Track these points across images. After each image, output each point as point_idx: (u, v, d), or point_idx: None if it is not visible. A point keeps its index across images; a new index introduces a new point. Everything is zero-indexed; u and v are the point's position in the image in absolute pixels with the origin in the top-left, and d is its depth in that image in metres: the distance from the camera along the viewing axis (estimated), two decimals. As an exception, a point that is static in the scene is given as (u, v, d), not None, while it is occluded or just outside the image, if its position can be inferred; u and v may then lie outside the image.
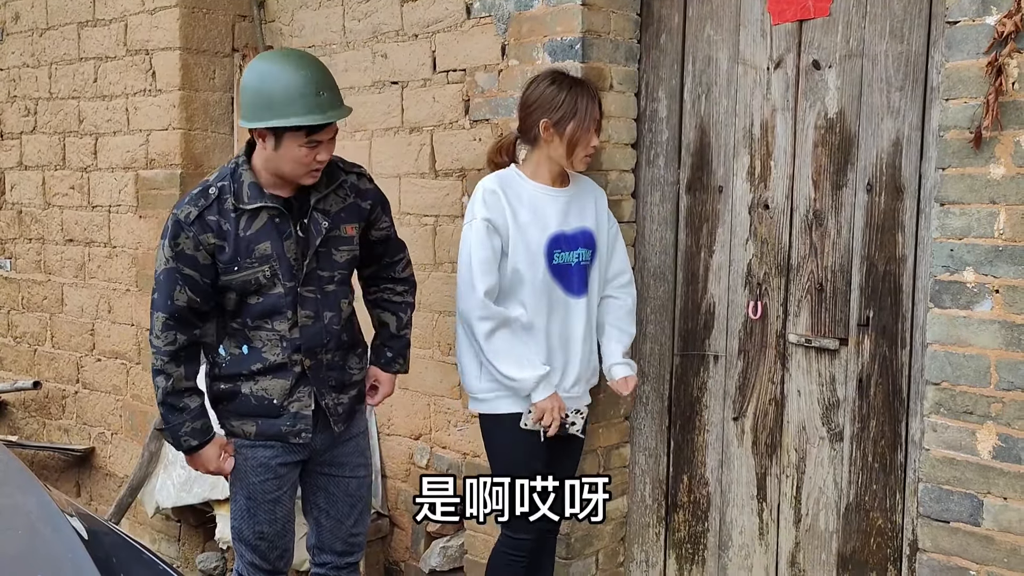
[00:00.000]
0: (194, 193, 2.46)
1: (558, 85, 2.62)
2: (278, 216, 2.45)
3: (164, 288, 2.43)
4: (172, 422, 2.49)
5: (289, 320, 2.47)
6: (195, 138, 4.09)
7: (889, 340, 2.68)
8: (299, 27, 3.91)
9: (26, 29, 4.72)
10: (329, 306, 2.53)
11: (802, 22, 2.79)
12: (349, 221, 2.55)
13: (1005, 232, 2.26)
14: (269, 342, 2.48)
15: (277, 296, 2.45)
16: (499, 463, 2.70)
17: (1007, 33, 2.20)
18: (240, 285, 2.44)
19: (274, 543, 2.61)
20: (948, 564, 2.38)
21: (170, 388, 2.45)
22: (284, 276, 2.44)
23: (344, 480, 2.68)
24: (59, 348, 4.79)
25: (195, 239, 2.40)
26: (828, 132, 2.76)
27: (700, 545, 3.13)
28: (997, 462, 2.29)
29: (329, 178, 2.52)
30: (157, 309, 2.45)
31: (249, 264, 2.42)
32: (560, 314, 2.69)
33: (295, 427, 2.52)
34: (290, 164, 2.39)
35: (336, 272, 2.54)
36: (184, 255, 2.41)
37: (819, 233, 2.79)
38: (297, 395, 2.51)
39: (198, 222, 2.40)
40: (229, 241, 2.41)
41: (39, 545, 1.87)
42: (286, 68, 2.38)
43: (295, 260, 2.46)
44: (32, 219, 4.84)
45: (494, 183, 2.66)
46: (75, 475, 4.81)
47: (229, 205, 2.42)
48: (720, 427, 3.04)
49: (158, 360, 2.46)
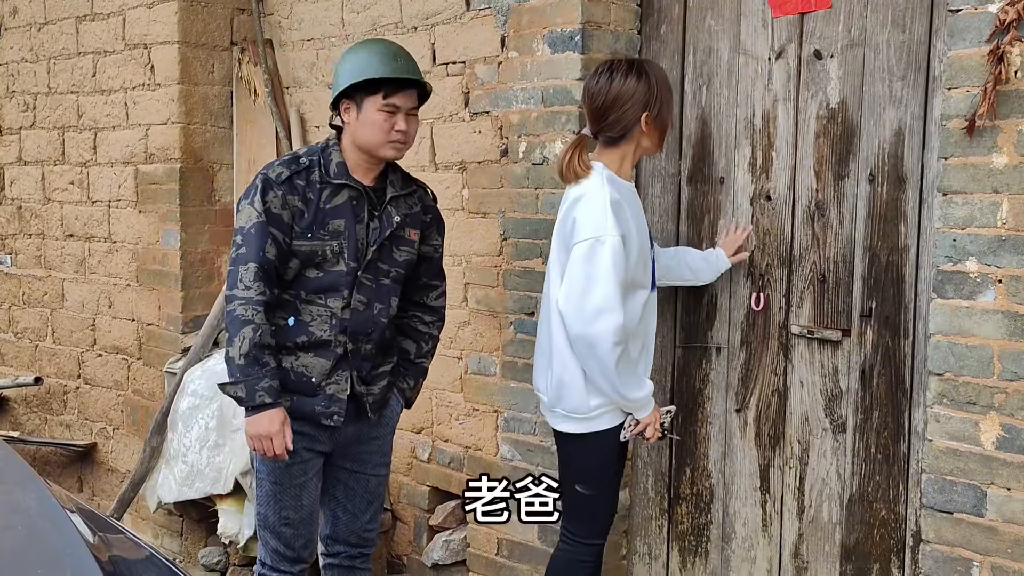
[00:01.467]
0: (285, 159, 2.59)
1: (644, 75, 2.49)
2: (356, 199, 2.57)
3: (255, 241, 2.47)
4: (251, 375, 2.43)
5: (344, 300, 2.55)
6: (194, 132, 4.08)
7: (892, 331, 2.67)
8: (298, 20, 3.89)
9: (24, 24, 4.71)
10: (381, 298, 2.62)
11: (803, 12, 2.77)
12: (413, 226, 2.68)
13: (1008, 222, 2.25)
14: (319, 317, 2.55)
15: (338, 274, 2.54)
16: (596, 477, 2.61)
17: (1009, 21, 2.18)
18: (307, 254, 2.52)
19: (299, 530, 2.64)
20: (951, 555, 2.37)
21: (257, 340, 2.43)
22: (349, 256, 2.55)
23: (364, 477, 2.75)
24: (60, 343, 4.79)
25: (283, 198, 2.50)
26: (830, 122, 2.74)
27: (703, 537, 3.12)
28: (1000, 452, 2.29)
29: (404, 183, 2.68)
30: (248, 260, 2.45)
31: (322, 235, 2.52)
32: (648, 314, 2.64)
33: (328, 408, 2.56)
34: (371, 130, 2.52)
35: (393, 269, 2.63)
36: (272, 213, 2.49)
37: (821, 224, 2.78)
38: (335, 377, 2.57)
39: (287, 183, 2.52)
40: (310, 209, 2.51)
41: (39, 542, 1.87)
42: (365, 44, 2.62)
43: (362, 244, 2.56)
44: (32, 214, 4.83)
45: (614, 191, 2.45)
46: (77, 471, 4.81)
47: (316, 176, 2.54)
48: (723, 419, 3.04)
49: (248, 310, 2.43)
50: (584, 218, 2.43)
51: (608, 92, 2.49)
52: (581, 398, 2.51)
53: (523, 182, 3.18)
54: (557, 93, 3.06)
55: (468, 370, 3.42)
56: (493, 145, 3.27)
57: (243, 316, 2.43)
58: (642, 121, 2.49)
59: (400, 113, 2.54)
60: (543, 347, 2.62)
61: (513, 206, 3.22)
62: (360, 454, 2.71)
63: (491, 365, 3.34)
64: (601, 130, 2.53)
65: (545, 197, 3.12)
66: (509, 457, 3.27)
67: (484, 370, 3.36)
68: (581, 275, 2.40)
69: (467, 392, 3.43)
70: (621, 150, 2.54)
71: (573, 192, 2.52)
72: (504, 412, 3.30)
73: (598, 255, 2.38)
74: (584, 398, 2.51)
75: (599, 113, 2.51)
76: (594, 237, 2.39)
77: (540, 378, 2.66)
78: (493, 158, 3.28)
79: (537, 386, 2.69)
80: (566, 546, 2.68)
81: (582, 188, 2.49)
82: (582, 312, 2.39)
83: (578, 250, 2.41)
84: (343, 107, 2.57)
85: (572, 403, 2.52)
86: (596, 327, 2.37)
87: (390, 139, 2.54)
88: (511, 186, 3.22)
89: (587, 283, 2.39)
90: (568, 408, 2.54)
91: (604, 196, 2.42)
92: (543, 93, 3.09)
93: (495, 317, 3.32)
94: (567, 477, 2.66)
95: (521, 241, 3.20)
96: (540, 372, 2.66)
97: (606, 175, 2.49)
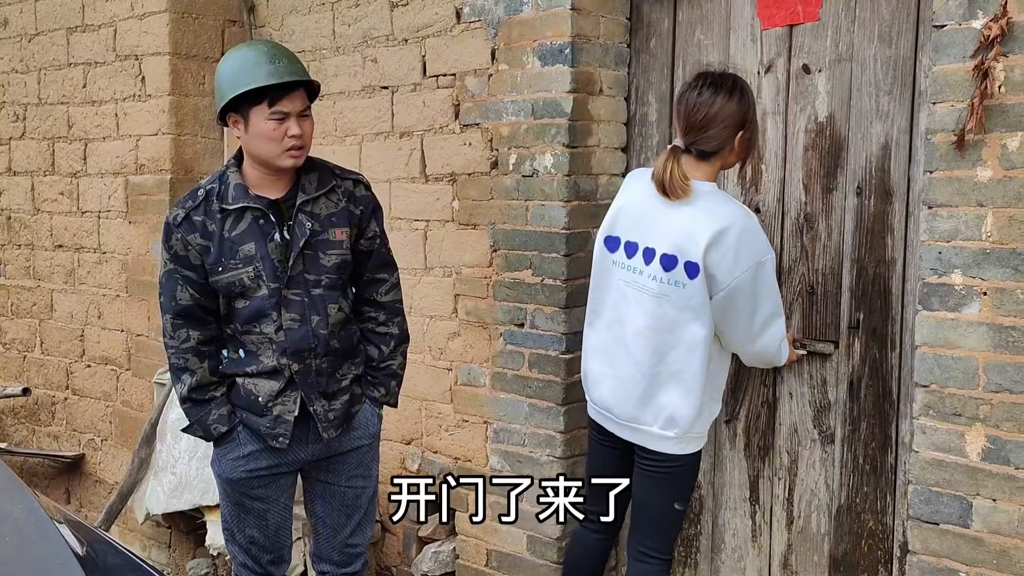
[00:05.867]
0: (184, 196, 2.51)
1: (745, 94, 2.46)
2: (262, 217, 2.44)
3: (167, 290, 2.48)
4: (198, 414, 2.50)
5: (275, 323, 2.45)
6: (185, 143, 4.08)
7: (879, 342, 2.69)
8: (289, 32, 3.90)
9: (15, 34, 4.71)
10: (316, 310, 2.49)
11: (792, 27, 2.80)
12: (339, 225, 2.51)
13: (992, 235, 2.27)
14: (261, 346, 2.48)
15: (262, 298, 2.44)
16: (690, 493, 2.64)
17: (993, 37, 2.21)
18: (225, 287, 2.44)
19: (265, 547, 2.60)
20: (938, 566, 2.38)
21: (195, 384, 2.47)
22: (268, 277, 2.43)
23: (340, 489, 2.63)
24: (49, 354, 4.77)
25: (183, 240, 2.43)
26: (818, 136, 2.77)
27: (693, 548, 3.13)
28: (986, 464, 2.30)
29: (320, 182, 2.51)
30: (164, 312, 2.49)
31: (234, 265, 2.42)
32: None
33: (274, 430, 2.50)
34: (262, 142, 2.38)
35: (324, 276, 2.49)
36: (178, 256, 2.45)
37: (810, 236, 2.80)
38: (282, 399, 2.49)
39: (185, 223, 2.44)
40: (214, 241, 2.43)
41: (27, 553, 1.86)
42: (237, 50, 2.46)
43: (279, 262, 2.44)
44: (21, 225, 4.82)
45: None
46: (65, 482, 4.79)
47: (215, 206, 2.44)
48: (712, 430, 3.04)
49: (180, 359, 2.47)
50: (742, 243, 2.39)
51: (711, 107, 2.43)
52: (700, 420, 2.52)
53: (513, 194, 3.19)
54: (547, 105, 3.07)
55: (458, 381, 3.42)
56: (483, 157, 3.28)
57: (177, 364, 2.49)
58: (736, 140, 2.46)
59: (291, 118, 2.37)
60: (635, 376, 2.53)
61: (503, 218, 3.23)
62: (333, 465, 2.61)
63: (481, 376, 3.34)
64: (695, 143, 2.45)
65: (535, 209, 3.13)
66: (499, 468, 3.27)
67: (474, 381, 3.37)
68: (769, 297, 2.45)
69: (457, 403, 3.43)
70: (711, 164, 2.49)
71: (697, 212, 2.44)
72: (494, 423, 3.30)
73: (767, 277, 2.43)
74: (703, 420, 2.53)
75: (698, 126, 2.44)
76: (760, 260, 2.41)
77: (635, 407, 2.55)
78: (483, 170, 3.29)
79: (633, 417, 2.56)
80: (654, 565, 2.61)
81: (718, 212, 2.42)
82: (770, 336, 2.49)
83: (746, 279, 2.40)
84: (231, 121, 2.42)
85: (688, 426, 2.50)
86: (776, 342, 2.52)
87: (285, 147, 2.38)
88: (501, 198, 3.23)
89: (771, 303, 2.46)
90: (683, 430, 2.50)
91: (748, 216, 2.44)
92: (533, 105, 3.11)
93: (485, 328, 3.32)
94: (665, 497, 2.59)
95: (511, 252, 3.21)
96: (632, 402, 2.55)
97: (724, 195, 2.51)
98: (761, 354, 2.54)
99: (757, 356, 2.56)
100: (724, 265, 2.37)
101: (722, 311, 2.44)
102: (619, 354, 2.56)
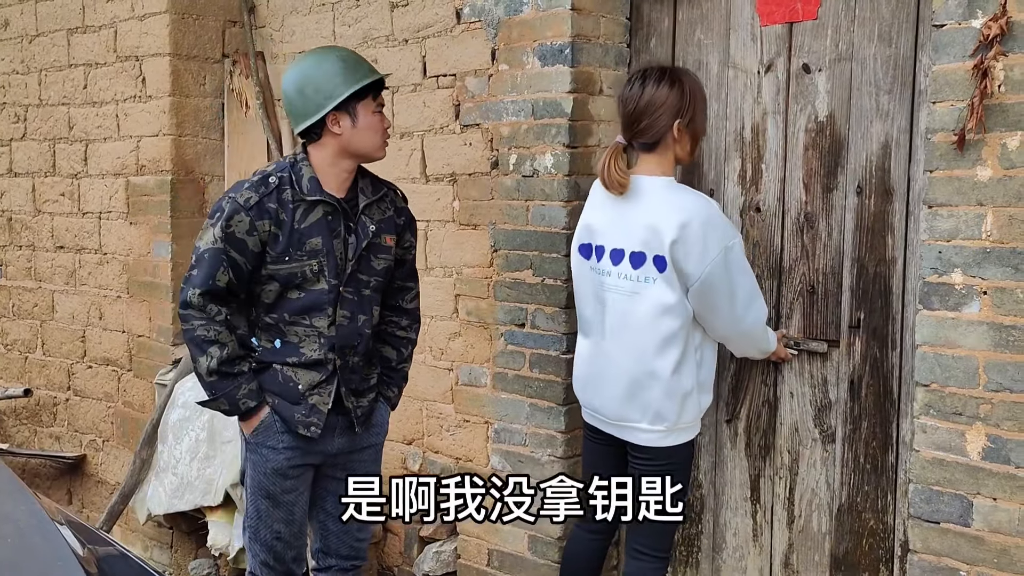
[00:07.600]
0: (254, 180, 2.51)
1: (677, 83, 2.50)
2: (331, 214, 2.52)
3: (207, 266, 2.44)
4: (227, 388, 2.47)
5: (329, 317, 2.52)
6: (185, 144, 4.09)
7: (880, 342, 2.69)
8: (289, 32, 3.91)
9: (15, 36, 4.72)
10: (363, 310, 2.59)
11: (792, 26, 2.80)
12: (388, 232, 2.63)
13: (992, 234, 2.27)
14: (307, 338, 2.53)
15: (320, 292, 2.51)
16: (689, 484, 2.66)
17: (993, 36, 2.21)
18: (286, 277, 2.48)
19: (290, 543, 2.63)
20: (939, 565, 2.38)
21: (224, 357, 2.45)
22: (330, 273, 2.51)
23: None
24: (50, 355, 4.78)
25: (251, 224, 2.44)
26: (818, 135, 2.77)
27: (694, 547, 3.13)
28: (986, 463, 2.30)
29: (374, 188, 2.63)
30: (194, 286, 2.45)
31: (299, 256, 2.48)
32: None
33: (308, 418, 2.54)
34: (370, 135, 2.52)
35: (372, 278, 2.60)
36: (234, 239, 2.44)
37: (810, 236, 2.80)
38: (319, 390, 2.55)
39: (257, 208, 2.45)
40: (284, 231, 2.47)
41: (28, 554, 1.86)
42: (325, 55, 2.55)
43: (341, 259, 2.52)
44: (22, 226, 4.82)
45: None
46: (66, 482, 4.79)
47: (288, 195, 2.48)
48: (713, 429, 3.05)
49: (210, 331, 2.45)
50: (707, 232, 2.42)
51: (640, 98, 2.50)
52: (687, 412, 2.54)
53: (513, 194, 3.19)
54: (547, 105, 3.07)
55: (459, 381, 3.42)
56: (483, 157, 3.29)
57: (205, 336, 2.45)
58: (674, 128, 2.50)
59: (383, 110, 2.57)
60: (618, 376, 2.54)
61: (503, 218, 3.23)
62: (352, 462, 2.69)
63: (482, 376, 3.35)
64: (634, 136, 2.54)
65: (535, 209, 3.13)
66: (500, 468, 3.27)
67: (475, 381, 3.37)
68: (743, 281, 2.49)
69: (458, 403, 3.44)
70: (658, 157, 2.53)
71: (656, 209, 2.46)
72: (495, 423, 3.30)
73: (737, 260, 2.47)
74: (690, 411, 2.54)
75: (631, 119, 2.53)
76: (728, 245, 2.44)
77: (622, 406, 2.55)
78: (483, 170, 3.29)
79: (622, 416, 2.57)
80: (651, 563, 2.61)
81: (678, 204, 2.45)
82: (747, 315, 2.52)
83: (718, 265, 2.43)
84: (331, 120, 2.49)
85: (676, 419, 2.52)
86: (760, 323, 2.57)
87: (384, 138, 2.58)
88: (501, 198, 3.23)
89: (746, 286, 2.50)
90: (672, 423, 2.51)
91: (712, 205, 2.49)
92: (533, 105, 3.11)
93: (486, 328, 3.33)
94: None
95: (512, 252, 3.21)
96: (618, 400, 2.56)
97: (681, 187, 2.53)
98: (749, 335, 2.58)
99: (745, 338, 2.60)
100: (693, 258, 2.42)
101: (702, 301, 2.47)
102: (600, 356, 2.61)
